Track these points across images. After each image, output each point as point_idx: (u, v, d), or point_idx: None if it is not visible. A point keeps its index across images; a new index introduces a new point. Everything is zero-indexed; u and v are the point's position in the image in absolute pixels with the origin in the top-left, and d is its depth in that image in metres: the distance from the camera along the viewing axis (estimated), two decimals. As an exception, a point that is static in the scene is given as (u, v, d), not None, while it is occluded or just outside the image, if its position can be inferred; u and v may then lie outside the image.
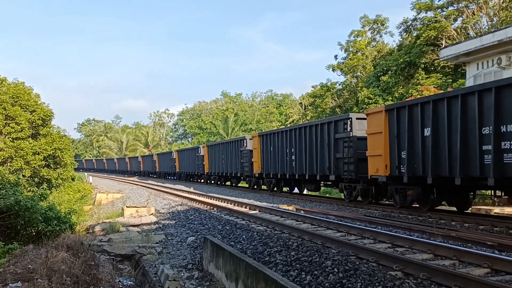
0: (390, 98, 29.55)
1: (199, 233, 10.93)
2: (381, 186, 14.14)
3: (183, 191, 24.84)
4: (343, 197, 16.97)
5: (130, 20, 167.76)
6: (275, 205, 15.61)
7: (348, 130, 15.24)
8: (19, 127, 21.67)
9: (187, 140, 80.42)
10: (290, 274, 6.21)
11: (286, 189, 22.70)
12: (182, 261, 8.66)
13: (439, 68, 29.56)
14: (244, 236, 9.09)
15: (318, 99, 41.01)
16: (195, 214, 14.00)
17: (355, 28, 46.39)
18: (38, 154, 22.00)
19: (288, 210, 13.53)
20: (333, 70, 39.95)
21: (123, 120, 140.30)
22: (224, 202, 17.06)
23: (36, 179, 22.30)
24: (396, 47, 35.90)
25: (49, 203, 14.90)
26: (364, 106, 29.77)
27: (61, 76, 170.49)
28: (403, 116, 12.21)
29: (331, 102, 39.38)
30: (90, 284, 7.02)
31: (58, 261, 7.25)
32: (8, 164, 21.00)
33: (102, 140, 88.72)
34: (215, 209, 15.36)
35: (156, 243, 10.55)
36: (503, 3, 27.11)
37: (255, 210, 13.89)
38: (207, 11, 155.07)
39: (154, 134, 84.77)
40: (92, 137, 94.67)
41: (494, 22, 27.19)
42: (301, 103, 55.85)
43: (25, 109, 22.56)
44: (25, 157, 21.29)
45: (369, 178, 13.89)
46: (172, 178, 46.90)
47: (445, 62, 24.08)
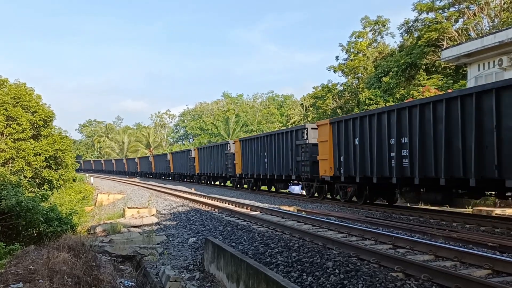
0: (391, 99, 29.52)
1: (200, 234, 10.94)
2: (329, 184, 17.13)
3: (184, 192, 24.85)
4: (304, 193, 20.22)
5: (130, 21, 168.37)
6: (276, 206, 15.61)
7: (305, 138, 18.20)
8: (21, 128, 21.69)
9: (188, 141, 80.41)
10: (291, 275, 6.21)
11: (265, 187, 25.38)
12: (183, 262, 8.66)
13: (440, 69, 29.54)
14: (245, 237, 9.09)
15: (319, 100, 41.02)
16: (196, 215, 13.99)
17: (356, 29, 46.60)
18: (40, 155, 22.03)
19: (289, 211, 13.54)
20: (334, 71, 39.95)
21: (124, 121, 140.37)
22: (225, 203, 17.06)
23: (37, 180, 22.32)
24: (397, 48, 35.88)
25: (50, 204, 14.97)
26: (365, 107, 29.75)
27: (60, 77, 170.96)
28: (341, 129, 15.31)
29: (332, 103, 39.38)
30: (91, 285, 7.02)
31: (60, 262, 7.25)
32: (10, 165, 21.02)
33: (104, 141, 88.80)
34: (216, 210, 15.37)
35: (157, 244, 10.57)
36: (504, 4, 27.09)
37: (256, 211, 13.89)
38: (207, 12, 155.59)
39: (155, 135, 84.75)
40: (93, 138, 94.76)
41: (495, 23, 27.17)
42: (302, 104, 55.87)
43: (26, 110, 22.58)
44: (26, 158, 21.31)
45: (320, 177, 16.86)
46: (167, 178, 47.51)
47: (446, 63, 24.07)
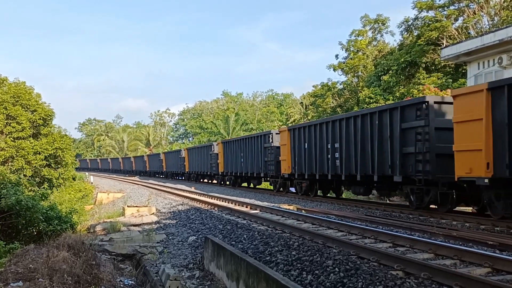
0: (391, 98, 29.47)
1: (200, 232, 10.94)
2: (290, 180, 20.21)
3: (184, 190, 24.85)
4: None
5: (130, 21, 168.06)
6: (276, 204, 15.61)
7: (271, 142, 21.52)
8: (20, 127, 21.67)
9: (188, 140, 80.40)
10: (291, 273, 6.21)
11: (246, 184, 26.48)
12: (183, 260, 8.67)
13: (440, 67, 29.51)
14: (245, 236, 9.09)
15: (319, 99, 40.96)
16: (196, 213, 13.99)
17: (356, 27, 46.36)
18: (39, 154, 22.02)
19: (289, 209, 13.53)
20: (334, 69, 39.85)
21: (123, 120, 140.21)
22: (225, 202, 17.06)
23: (37, 179, 22.31)
24: (397, 47, 35.81)
25: (50, 202, 14.96)
26: (365, 105, 29.72)
27: (61, 77, 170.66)
28: (296, 135, 18.47)
29: (332, 102, 39.34)
30: (91, 283, 7.02)
31: (59, 260, 7.25)
32: (9, 163, 21.01)
33: (103, 139, 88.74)
34: (216, 208, 15.36)
35: (157, 242, 10.57)
36: (504, 2, 27.04)
37: (256, 210, 13.89)
38: (207, 11, 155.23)
39: (155, 134, 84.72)
40: (93, 136, 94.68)
41: (495, 22, 27.14)
42: (302, 102, 55.80)
43: (26, 108, 22.57)
44: (26, 156, 21.30)
45: (281, 175, 20.10)
46: (160, 176, 44.84)
47: (446, 61, 24.04)
